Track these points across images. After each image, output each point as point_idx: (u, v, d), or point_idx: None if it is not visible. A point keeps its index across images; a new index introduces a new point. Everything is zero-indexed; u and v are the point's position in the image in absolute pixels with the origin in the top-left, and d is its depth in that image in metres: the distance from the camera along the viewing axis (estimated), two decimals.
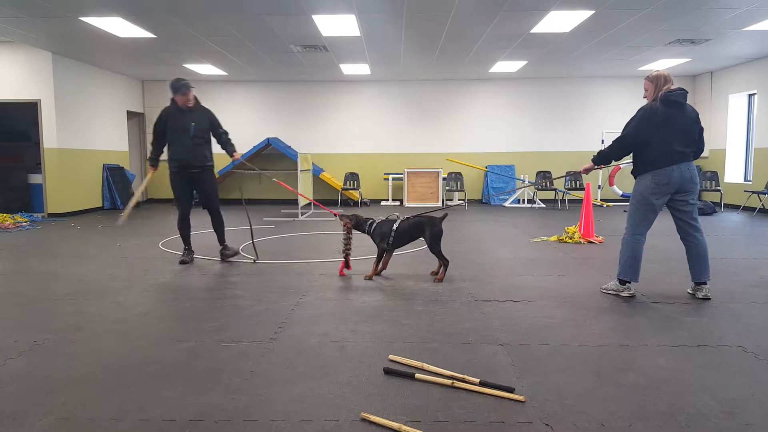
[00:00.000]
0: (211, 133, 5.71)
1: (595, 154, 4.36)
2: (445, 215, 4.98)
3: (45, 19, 7.58)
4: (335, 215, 5.30)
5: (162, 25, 7.87)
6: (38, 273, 5.25)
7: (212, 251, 6.18)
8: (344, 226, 4.96)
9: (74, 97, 10.62)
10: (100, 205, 11.51)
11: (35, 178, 10.52)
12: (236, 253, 5.85)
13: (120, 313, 3.86)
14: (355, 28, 8.09)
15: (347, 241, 4.97)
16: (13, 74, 9.96)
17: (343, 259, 5.03)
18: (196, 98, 5.61)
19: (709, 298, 4.15)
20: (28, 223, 9.07)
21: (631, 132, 4.07)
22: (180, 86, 5.44)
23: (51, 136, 10.07)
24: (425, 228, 4.85)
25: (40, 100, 9.97)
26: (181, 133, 5.46)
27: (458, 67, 11.43)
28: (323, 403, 2.44)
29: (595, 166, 4.44)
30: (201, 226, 7.95)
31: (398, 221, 4.89)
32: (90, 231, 8.29)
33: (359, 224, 5.02)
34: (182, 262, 5.60)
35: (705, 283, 4.20)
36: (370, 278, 4.92)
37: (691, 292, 4.31)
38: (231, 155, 5.73)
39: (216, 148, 5.80)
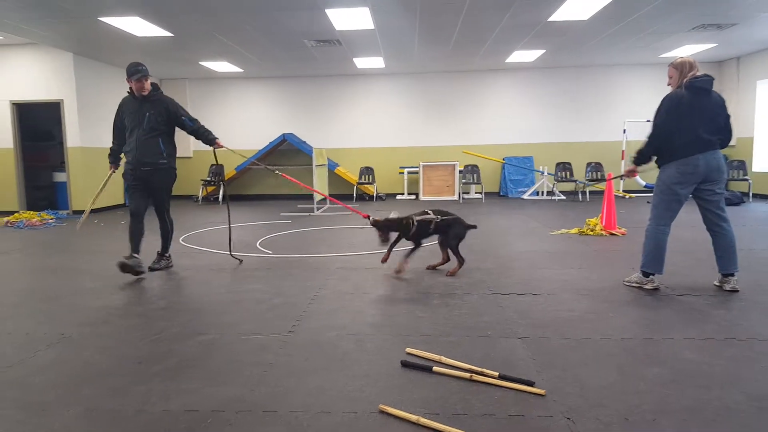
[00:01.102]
0: (173, 126, 4.98)
1: (635, 155, 4.21)
2: (475, 226, 5.07)
3: (65, 20, 7.70)
4: (366, 217, 5.00)
5: (179, 23, 7.93)
6: (65, 268, 5.35)
7: (225, 246, 6.19)
8: (379, 237, 4.83)
9: (95, 96, 10.77)
10: (123, 202, 11.68)
11: (60, 177, 10.72)
12: (167, 267, 5.17)
13: (142, 307, 3.91)
14: (369, 21, 8.05)
15: (386, 242, 4.85)
16: (37, 75, 10.16)
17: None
18: (156, 86, 4.94)
19: (737, 291, 4.04)
20: (54, 220, 9.24)
21: (662, 122, 3.97)
22: (135, 71, 4.71)
23: (74, 135, 10.26)
24: (453, 226, 4.89)
25: (62, 99, 10.15)
26: (135, 124, 4.82)
27: (474, 57, 11.31)
28: (341, 395, 2.44)
29: (638, 168, 4.28)
30: (210, 223, 7.99)
31: (434, 221, 4.84)
32: (113, 228, 8.42)
33: (390, 226, 4.82)
34: (124, 267, 4.69)
35: (733, 275, 4.09)
36: (400, 272, 4.82)
37: (718, 284, 4.21)
38: (211, 144, 5.05)
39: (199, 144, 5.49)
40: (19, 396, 2.49)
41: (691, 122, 3.89)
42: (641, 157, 4.18)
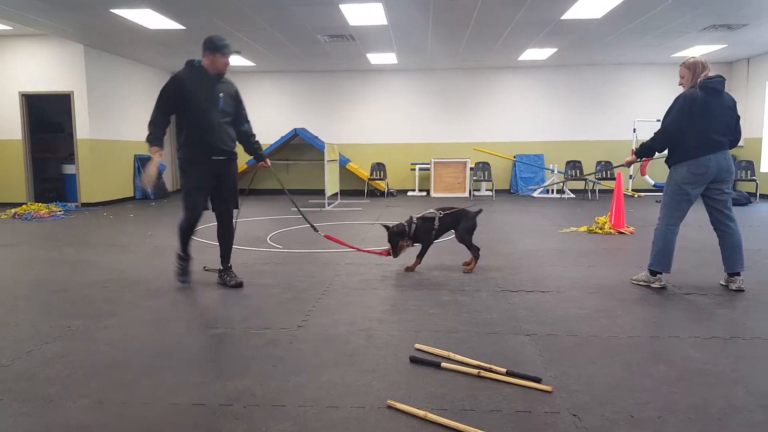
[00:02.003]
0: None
1: (638, 147, 4.24)
2: (480, 210, 4.96)
3: (77, 12, 7.73)
4: (386, 254, 4.88)
5: (191, 16, 7.95)
6: (72, 261, 5.39)
7: (235, 240, 6.21)
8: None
9: (106, 88, 10.82)
10: (132, 195, 11.75)
11: (69, 169, 10.79)
12: (240, 285, 4.31)
13: (151, 301, 3.94)
14: (382, 17, 8.04)
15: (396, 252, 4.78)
16: (47, 67, 10.21)
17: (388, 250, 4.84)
18: None
19: (743, 290, 4.04)
20: (63, 212, 9.31)
21: (675, 121, 3.96)
22: (223, 45, 4.07)
23: (84, 127, 10.31)
24: (461, 220, 4.84)
25: (72, 91, 10.20)
26: (209, 105, 4.07)
27: (486, 55, 11.28)
28: (350, 390, 2.46)
29: (638, 159, 4.34)
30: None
31: (437, 216, 4.79)
32: (122, 220, 8.48)
33: (401, 234, 4.74)
34: (184, 281, 4.35)
35: (739, 274, 4.09)
36: (412, 270, 4.79)
37: (724, 283, 4.21)
38: (259, 159, 4.52)
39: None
40: (26, 388, 2.51)
41: (704, 123, 3.89)
42: (644, 150, 4.22)
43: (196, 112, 4.05)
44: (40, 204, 9.56)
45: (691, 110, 3.89)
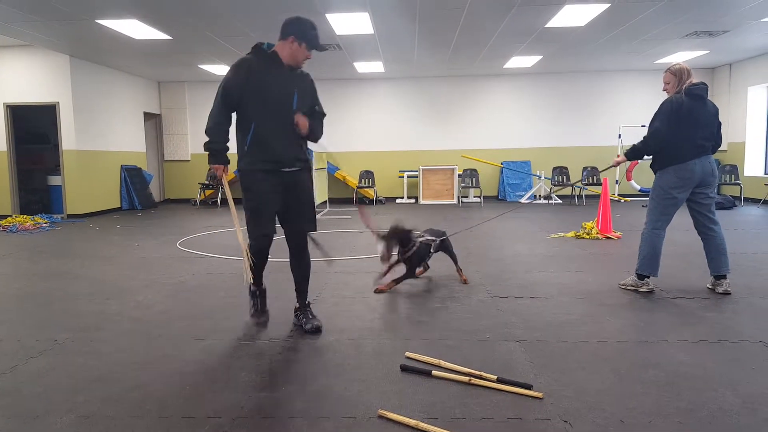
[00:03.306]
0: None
1: (628, 148, 4.27)
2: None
3: (62, 23, 7.68)
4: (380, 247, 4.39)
5: (177, 26, 7.93)
6: (58, 273, 5.33)
7: (223, 249, 6.19)
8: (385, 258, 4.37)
9: (92, 99, 10.75)
10: (119, 205, 11.65)
11: (54, 180, 10.68)
12: (318, 329, 3.38)
13: (139, 313, 3.90)
14: (369, 26, 8.08)
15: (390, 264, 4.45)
16: (32, 77, 10.12)
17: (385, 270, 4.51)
18: None
19: (730, 293, 4.09)
20: (48, 224, 9.20)
21: (663, 126, 4.01)
22: (315, 35, 3.35)
23: (70, 138, 10.22)
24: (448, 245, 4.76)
25: (58, 102, 10.12)
26: (280, 105, 3.27)
27: (473, 63, 11.36)
28: (340, 400, 2.44)
29: (627, 160, 4.37)
30: (208, 227, 7.96)
31: (434, 243, 4.58)
32: (108, 231, 8.40)
33: (404, 242, 4.37)
34: (259, 323, 3.63)
35: (725, 277, 4.15)
36: (383, 291, 4.36)
37: (710, 287, 4.25)
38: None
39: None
40: (11, 404, 2.47)
41: (689, 128, 3.97)
42: (634, 153, 4.22)
43: (263, 110, 3.24)
44: (25, 216, 9.44)
45: (678, 115, 3.96)
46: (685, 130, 3.96)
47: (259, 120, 3.23)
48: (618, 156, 4.39)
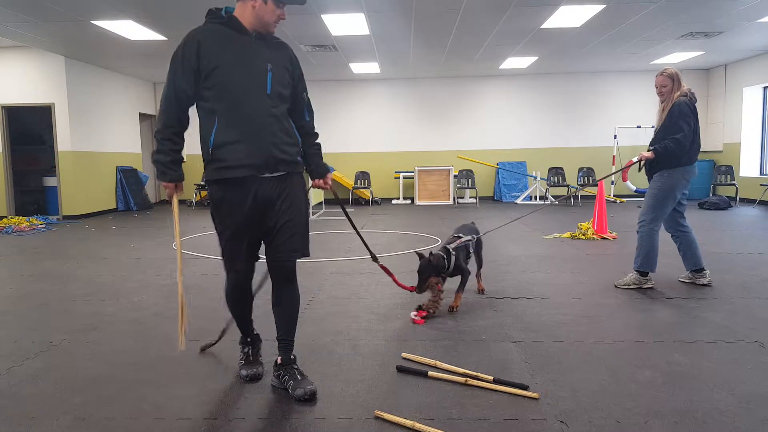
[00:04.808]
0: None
1: (659, 147, 4.08)
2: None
3: (58, 23, 7.66)
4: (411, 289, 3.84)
5: (173, 27, 7.92)
6: (54, 274, 5.31)
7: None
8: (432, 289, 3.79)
9: (87, 100, 10.72)
10: (114, 206, 11.62)
11: (50, 181, 10.64)
12: (313, 395, 2.47)
13: (135, 314, 3.89)
14: (365, 27, 8.08)
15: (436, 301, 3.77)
16: (27, 78, 10.08)
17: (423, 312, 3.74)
18: None
19: (711, 284, 4.27)
20: (44, 225, 9.17)
21: (688, 127, 4.05)
22: None
23: (65, 139, 10.19)
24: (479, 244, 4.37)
25: (53, 103, 10.09)
26: (248, 85, 2.43)
27: (468, 63, 11.38)
28: (337, 401, 2.44)
29: (654, 156, 4.17)
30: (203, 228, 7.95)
31: (471, 242, 4.15)
32: (104, 232, 8.37)
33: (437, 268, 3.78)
34: (251, 377, 2.70)
35: (704, 269, 4.31)
36: (455, 309, 3.85)
37: (687, 280, 4.42)
38: (315, 178, 2.82)
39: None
40: (7, 406, 2.46)
41: (697, 130, 4.12)
42: (668, 154, 4.06)
43: (227, 98, 2.41)
44: (20, 217, 9.42)
45: (695, 118, 4.10)
46: (695, 133, 4.11)
47: (223, 112, 2.41)
48: (653, 150, 4.20)
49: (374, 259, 3.45)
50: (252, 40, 2.46)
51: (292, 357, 2.63)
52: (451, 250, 3.85)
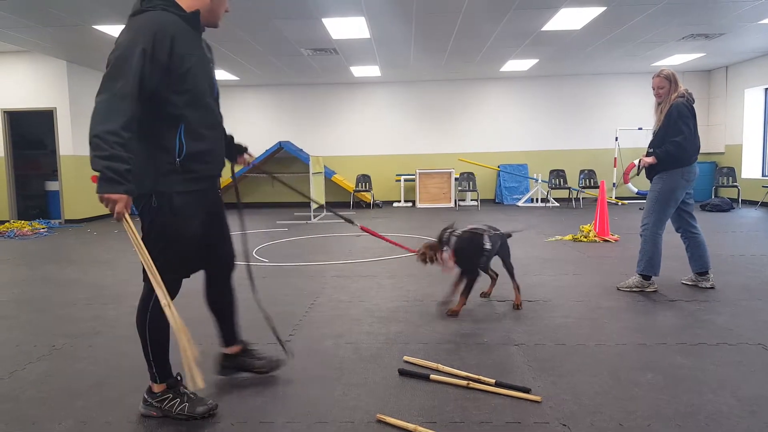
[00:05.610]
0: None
1: (660, 152, 4.07)
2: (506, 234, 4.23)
3: (59, 28, 7.68)
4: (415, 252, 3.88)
5: None
6: (56, 279, 5.32)
7: None
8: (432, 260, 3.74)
9: (89, 104, 10.50)
10: None
11: (52, 185, 10.66)
12: (275, 367, 2.75)
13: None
14: (365, 30, 8.09)
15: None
16: (29, 83, 10.11)
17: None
18: None
19: (714, 287, 4.26)
20: (46, 229, 9.19)
21: (688, 129, 4.06)
22: None
23: (67, 143, 10.21)
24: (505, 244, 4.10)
25: (55, 108, 10.12)
26: (205, 87, 2.33)
27: (469, 66, 11.39)
28: (338, 404, 2.44)
29: (655, 161, 4.16)
30: None
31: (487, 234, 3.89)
32: (106, 237, 8.38)
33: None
34: (211, 411, 2.35)
35: (708, 272, 4.30)
36: (456, 313, 3.75)
37: (691, 282, 4.41)
38: (237, 160, 2.80)
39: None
40: (10, 410, 2.46)
41: (696, 131, 4.11)
42: (671, 158, 4.06)
43: (197, 102, 2.26)
44: (23, 221, 9.43)
45: (694, 119, 4.09)
46: (695, 134, 4.11)
47: (192, 119, 2.23)
48: (654, 154, 4.15)
49: (351, 222, 3.58)
50: (201, 36, 2.34)
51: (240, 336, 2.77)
52: (455, 232, 3.74)
